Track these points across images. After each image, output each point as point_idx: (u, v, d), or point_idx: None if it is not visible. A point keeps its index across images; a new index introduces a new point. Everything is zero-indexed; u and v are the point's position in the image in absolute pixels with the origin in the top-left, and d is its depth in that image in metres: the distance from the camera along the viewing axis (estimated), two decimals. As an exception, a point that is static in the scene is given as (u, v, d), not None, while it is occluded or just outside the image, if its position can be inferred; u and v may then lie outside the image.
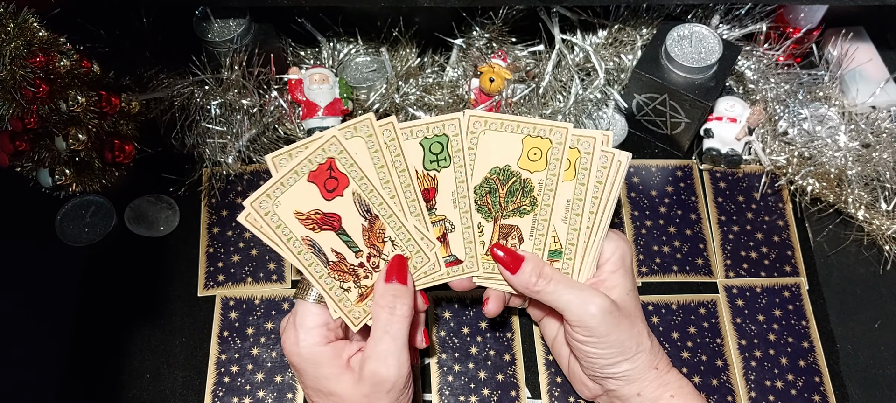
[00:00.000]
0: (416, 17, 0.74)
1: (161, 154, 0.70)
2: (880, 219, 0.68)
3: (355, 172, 0.53)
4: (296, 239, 0.51)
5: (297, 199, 0.51)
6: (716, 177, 0.74)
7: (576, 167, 0.55)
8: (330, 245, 0.52)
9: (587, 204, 0.55)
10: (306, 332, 0.50)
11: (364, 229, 0.53)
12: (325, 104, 0.70)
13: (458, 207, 0.56)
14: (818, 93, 0.74)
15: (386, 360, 0.49)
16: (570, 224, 0.55)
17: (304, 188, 0.51)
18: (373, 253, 0.54)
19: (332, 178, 0.52)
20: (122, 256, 0.68)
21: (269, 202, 0.50)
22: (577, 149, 0.55)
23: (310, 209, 0.52)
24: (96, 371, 0.63)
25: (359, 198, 0.53)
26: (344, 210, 0.53)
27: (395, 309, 0.51)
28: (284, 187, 0.51)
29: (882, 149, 0.68)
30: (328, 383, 0.50)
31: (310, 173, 0.51)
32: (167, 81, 0.71)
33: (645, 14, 0.73)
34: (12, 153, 0.57)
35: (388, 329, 0.50)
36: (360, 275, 0.53)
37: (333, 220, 0.52)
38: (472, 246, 0.56)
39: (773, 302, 0.67)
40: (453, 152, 0.55)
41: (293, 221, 0.51)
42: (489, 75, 0.70)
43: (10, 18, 0.51)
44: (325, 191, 0.52)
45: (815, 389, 0.63)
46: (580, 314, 0.51)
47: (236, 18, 0.69)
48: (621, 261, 0.55)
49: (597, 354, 0.53)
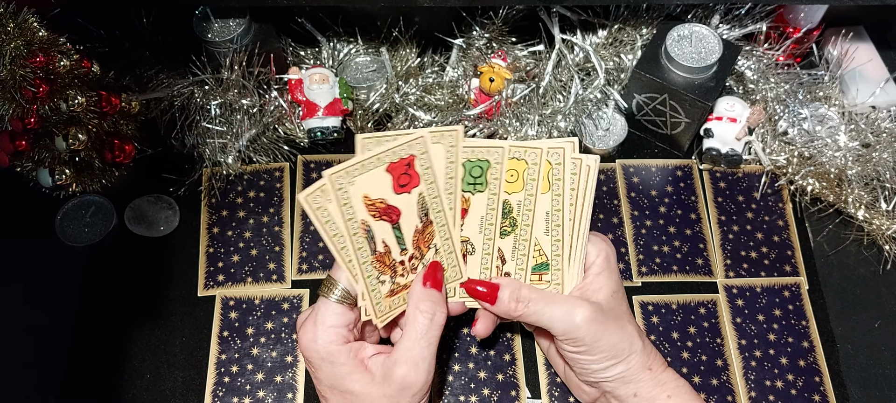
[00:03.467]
0: (416, 17, 0.74)
1: (161, 154, 0.70)
2: (880, 219, 0.68)
3: (429, 175, 0.53)
4: (356, 220, 0.52)
5: (371, 184, 0.52)
6: (716, 177, 0.74)
7: (549, 179, 0.55)
8: (382, 236, 0.53)
9: (566, 213, 0.55)
10: (325, 330, 0.51)
11: (417, 230, 0.54)
12: (325, 104, 0.70)
13: (484, 233, 0.56)
14: (818, 93, 0.74)
15: (418, 365, 0.50)
16: (552, 236, 0.56)
17: (380, 176, 0.52)
18: (415, 255, 0.54)
19: (407, 175, 0.52)
20: (122, 256, 0.68)
21: (345, 179, 0.51)
22: (548, 161, 0.55)
23: (378, 197, 0.52)
24: (96, 371, 0.63)
25: (423, 200, 0.53)
26: (406, 206, 0.53)
27: (435, 315, 0.51)
28: (363, 170, 0.51)
29: (882, 149, 0.68)
30: (343, 381, 0.50)
31: (390, 164, 0.52)
32: (167, 81, 0.71)
33: (645, 14, 0.73)
34: (12, 153, 0.57)
35: (425, 334, 0.51)
36: (397, 272, 0.54)
37: (394, 213, 0.53)
38: (488, 272, 0.57)
39: (773, 302, 0.67)
40: (491, 179, 0.55)
41: (360, 203, 0.51)
42: (489, 75, 0.70)
43: (10, 18, 0.51)
44: (397, 185, 0.52)
45: (815, 389, 0.63)
46: (566, 327, 0.52)
47: (236, 18, 0.69)
48: (606, 263, 0.55)
49: (589, 360, 0.53)
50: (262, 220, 0.70)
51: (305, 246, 0.69)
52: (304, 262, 0.68)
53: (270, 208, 0.71)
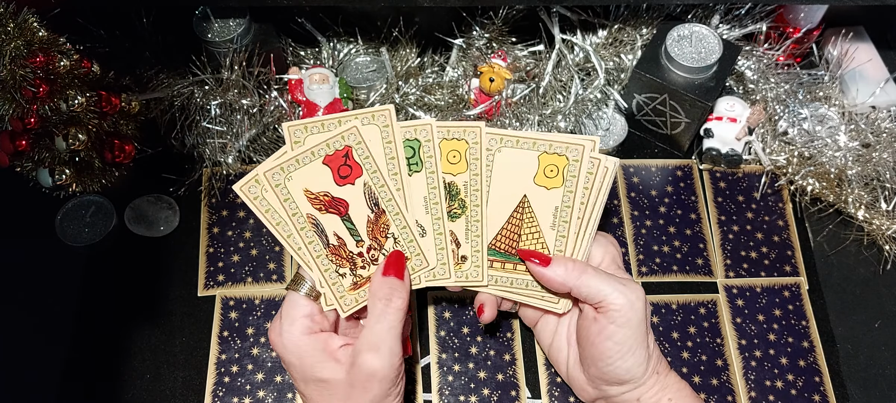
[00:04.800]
0: (416, 17, 0.74)
1: (161, 154, 0.70)
2: (880, 219, 0.68)
3: (370, 164, 0.53)
4: (301, 214, 0.51)
5: (310, 179, 0.52)
6: (716, 177, 0.74)
7: (564, 174, 0.55)
8: (333, 228, 0.53)
9: (575, 210, 0.55)
10: (290, 322, 0.51)
11: (369, 221, 0.54)
12: (325, 104, 0.70)
13: (430, 213, 0.55)
14: (818, 93, 0.74)
15: (379, 349, 0.49)
16: (558, 231, 0.55)
17: (318, 169, 0.52)
18: (374, 246, 0.54)
19: (347, 166, 0.52)
20: (122, 256, 0.68)
21: (281, 175, 0.50)
22: (566, 155, 0.55)
23: (320, 190, 0.52)
24: (96, 371, 0.63)
25: (369, 189, 0.53)
26: (353, 198, 0.53)
27: (391, 300, 0.51)
28: (299, 164, 0.51)
29: (882, 149, 0.68)
30: (313, 371, 0.50)
31: (326, 156, 0.52)
32: (167, 81, 0.71)
33: (645, 14, 0.73)
34: (12, 153, 0.57)
35: (382, 318, 0.50)
36: (357, 264, 0.54)
37: (341, 206, 0.53)
38: (444, 252, 0.56)
39: (773, 302, 0.67)
40: (425, 158, 0.55)
41: (302, 198, 0.51)
42: (489, 75, 0.70)
43: (10, 18, 0.51)
44: (338, 176, 0.52)
45: (815, 389, 0.63)
46: (621, 300, 0.50)
47: (236, 18, 0.69)
48: (614, 263, 0.55)
49: (612, 344, 0.51)
50: (262, 220, 0.70)
51: (305, 246, 0.69)
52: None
53: (270, 208, 0.71)
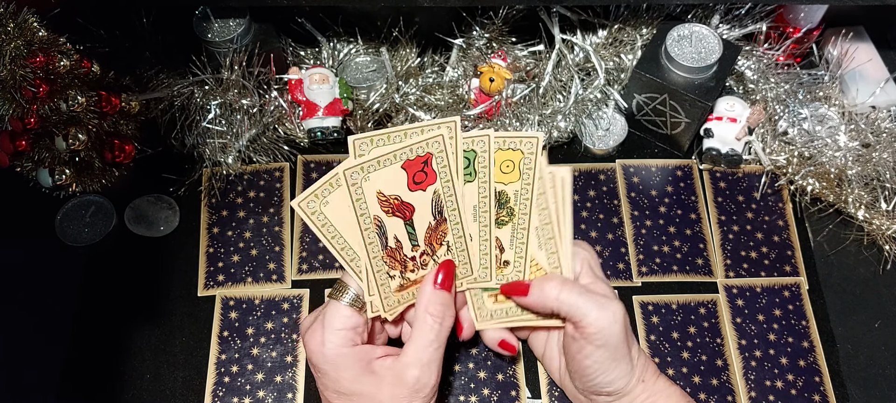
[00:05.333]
0: (416, 17, 0.74)
1: (161, 154, 0.70)
2: (880, 219, 0.68)
3: (445, 174, 0.53)
4: (369, 215, 0.51)
5: (386, 181, 0.51)
6: (716, 177, 0.74)
7: (520, 167, 0.54)
8: (394, 231, 0.53)
9: (554, 225, 0.55)
10: (333, 333, 0.50)
11: (429, 227, 0.54)
12: (325, 104, 0.70)
13: (479, 221, 0.55)
14: (818, 93, 0.74)
15: (430, 367, 0.51)
16: (547, 249, 0.55)
17: (396, 173, 0.51)
18: (427, 251, 0.54)
19: (423, 173, 0.52)
20: (122, 256, 0.68)
21: (360, 175, 0.50)
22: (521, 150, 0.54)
23: (392, 193, 0.52)
24: (96, 371, 0.63)
25: (438, 197, 0.53)
26: (420, 204, 0.53)
27: (444, 320, 0.52)
28: (379, 166, 0.51)
29: (882, 149, 0.68)
30: (352, 385, 0.50)
31: (406, 161, 0.51)
32: (167, 81, 0.71)
33: (645, 14, 0.73)
34: (12, 153, 0.57)
35: (435, 337, 0.51)
36: (408, 267, 0.54)
37: (407, 210, 0.53)
38: (488, 258, 0.56)
39: (773, 302, 0.67)
40: (479, 168, 0.55)
41: (373, 199, 0.51)
42: (489, 75, 0.70)
43: (10, 18, 0.51)
44: (413, 182, 0.52)
45: (815, 389, 0.63)
46: (599, 317, 0.50)
47: (236, 18, 0.69)
48: (591, 271, 0.55)
49: (593, 360, 0.51)
50: (262, 220, 0.70)
51: (305, 246, 0.69)
52: (304, 262, 0.68)
53: (270, 208, 0.71)
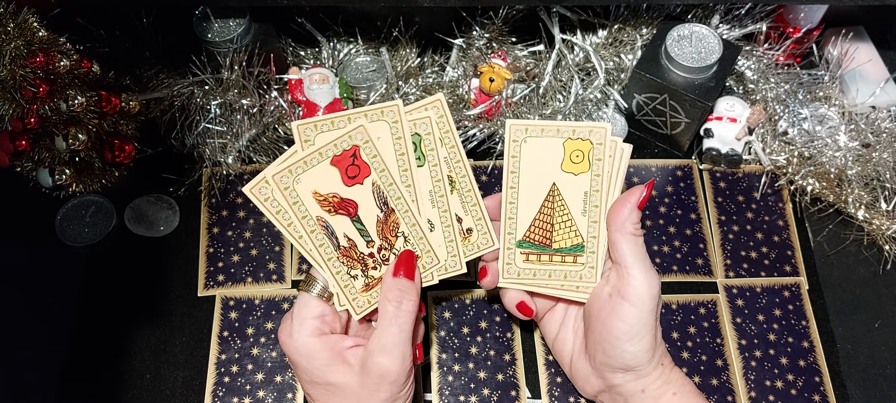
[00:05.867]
0: (416, 17, 0.74)
1: (161, 154, 0.70)
2: (880, 219, 0.68)
3: (378, 163, 0.53)
4: (310, 217, 0.51)
5: (318, 180, 0.51)
6: (716, 177, 0.74)
7: (589, 158, 0.55)
8: (343, 230, 0.52)
9: (603, 194, 0.55)
10: (300, 323, 0.51)
11: (379, 221, 0.53)
12: (325, 104, 0.70)
13: (437, 207, 0.56)
14: (818, 93, 0.74)
15: (391, 352, 0.50)
16: (589, 217, 0.55)
17: (326, 170, 0.51)
18: (384, 246, 0.54)
19: (355, 166, 0.52)
20: (122, 256, 0.68)
21: (290, 178, 0.50)
22: (590, 140, 0.55)
23: (328, 192, 0.52)
24: (96, 371, 0.63)
25: (378, 189, 0.53)
26: (362, 198, 0.53)
27: (402, 303, 0.51)
28: (307, 166, 0.51)
29: (882, 149, 0.68)
30: (323, 374, 0.50)
31: (333, 157, 0.51)
32: (167, 81, 0.71)
33: (645, 14, 0.73)
34: (12, 153, 0.57)
35: (393, 321, 0.51)
36: (368, 265, 0.54)
37: (350, 206, 0.52)
38: (454, 244, 0.56)
39: (773, 302, 0.67)
40: (427, 152, 0.55)
41: (310, 200, 0.51)
42: (489, 75, 0.70)
43: (10, 18, 0.51)
44: (347, 177, 0.52)
45: (815, 389, 0.63)
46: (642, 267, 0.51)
47: (236, 18, 0.69)
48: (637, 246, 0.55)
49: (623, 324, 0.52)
50: (262, 220, 0.70)
51: (305, 246, 0.69)
52: (304, 262, 0.68)
53: (270, 208, 0.71)
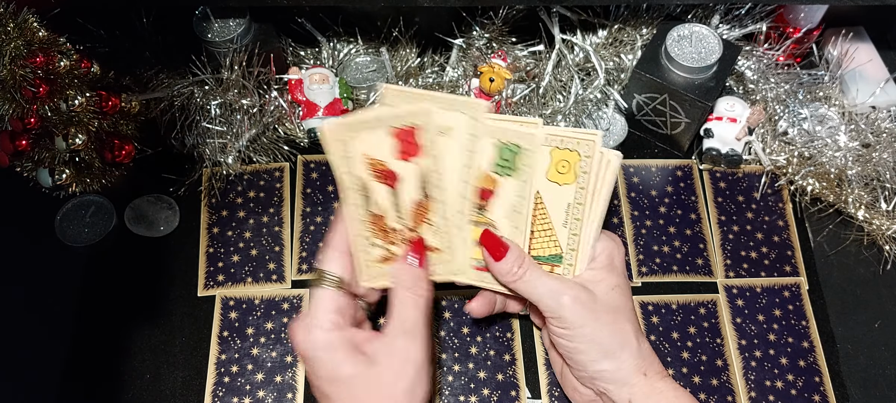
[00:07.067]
0: (416, 17, 0.74)
1: (161, 154, 0.70)
2: (880, 219, 0.68)
3: (434, 149, 0.52)
4: (354, 175, 0.51)
5: (373, 145, 0.51)
6: (716, 177, 0.74)
7: (576, 170, 0.54)
8: (379, 198, 0.52)
9: (586, 207, 0.54)
10: (317, 319, 0.50)
11: (416, 202, 0.53)
12: (325, 104, 0.70)
13: (511, 221, 0.54)
14: (818, 93, 0.74)
15: (414, 334, 0.50)
16: (570, 229, 0.55)
17: (383, 138, 0.51)
18: (411, 227, 0.54)
19: (410, 143, 0.51)
20: (122, 256, 0.68)
21: (347, 132, 0.50)
22: (577, 151, 0.54)
23: (378, 158, 0.51)
24: (96, 371, 0.63)
25: (423, 174, 0.52)
26: (406, 175, 0.52)
27: (417, 289, 0.53)
28: (366, 127, 0.51)
29: (882, 149, 0.68)
30: (343, 368, 0.50)
31: (393, 129, 0.51)
32: (167, 81, 0.71)
33: (645, 14, 0.73)
34: (12, 153, 0.57)
35: (413, 306, 0.52)
36: (390, 239, 0.54)
37: (391, 178, 0.52)
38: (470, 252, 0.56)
39: (773, 302, 0.67)
40: (521, 166, 0.53)
41: (360, 159, 0.51)
42: (489, 75, 0.70)
43: (10, 18, 0.51)
44: (400, 151, 0.52)
45: (815, 389, 0.63)
46: (552, 305, 0.52)
47: (236, 18, 0.69)
48: (609, 259, 0.55)
49: (576, 349, 0.52)
50: (262, 220, 0.70)
51: (305, 246, 0.69)
52: (304, 262, 0.68)
53: (270, 208, 0.71)
